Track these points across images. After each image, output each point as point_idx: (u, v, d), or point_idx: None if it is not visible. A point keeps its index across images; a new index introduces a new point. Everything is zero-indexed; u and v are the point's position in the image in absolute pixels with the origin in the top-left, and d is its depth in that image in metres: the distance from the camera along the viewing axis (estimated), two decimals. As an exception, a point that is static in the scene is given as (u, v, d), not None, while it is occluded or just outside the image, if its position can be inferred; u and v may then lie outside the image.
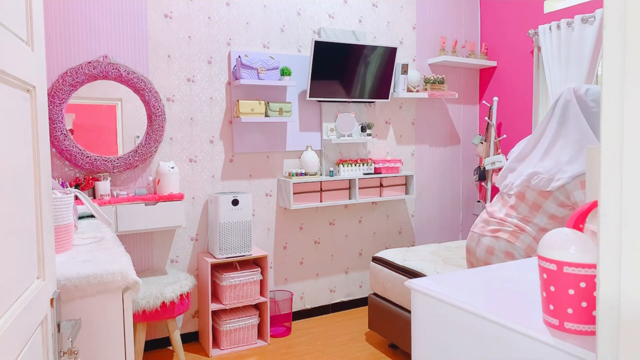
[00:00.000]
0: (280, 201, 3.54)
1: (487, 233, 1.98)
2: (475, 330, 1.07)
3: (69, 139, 2.85)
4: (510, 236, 1.91)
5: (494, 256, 1.92)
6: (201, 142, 3.29)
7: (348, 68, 3.54)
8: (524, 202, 1.91)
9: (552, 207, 1.84)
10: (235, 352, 3.12)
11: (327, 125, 3.66)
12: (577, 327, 0.89)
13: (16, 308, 0.82)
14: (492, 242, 1.94)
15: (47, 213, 1.04)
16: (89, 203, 1.77)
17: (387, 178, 3.74)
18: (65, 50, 2.88)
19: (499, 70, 4.19)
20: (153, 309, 2.69)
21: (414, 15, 4.04)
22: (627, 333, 0.64)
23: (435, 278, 1.32)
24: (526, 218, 1.90)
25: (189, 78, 3.23)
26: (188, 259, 3.29)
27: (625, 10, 0.63)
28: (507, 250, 1.90)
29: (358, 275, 3.95)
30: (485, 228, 2.01)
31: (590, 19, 3.28)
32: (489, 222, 2.01)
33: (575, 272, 0.87)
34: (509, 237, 1.91)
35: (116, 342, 1.35)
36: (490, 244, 1.95)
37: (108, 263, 1.41)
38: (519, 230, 1.90)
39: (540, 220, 1.88)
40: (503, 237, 1.92)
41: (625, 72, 0.63)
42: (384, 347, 3.18)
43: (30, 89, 0.96)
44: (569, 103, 1.86)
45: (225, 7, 3.31)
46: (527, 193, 1.90)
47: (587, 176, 1.18)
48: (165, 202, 2.95)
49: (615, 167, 0.65)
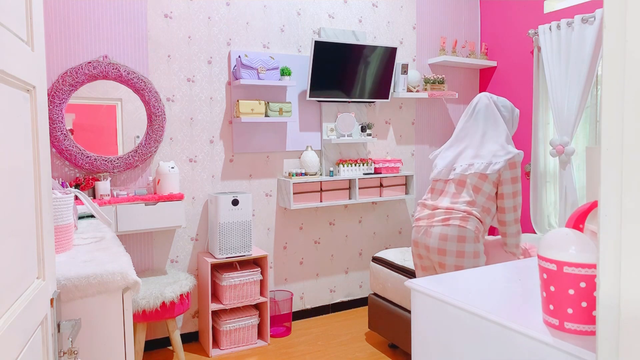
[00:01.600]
0: (280, 201, 3.54)
1: (436, 223, 2.20)
2: (475, 330, 1.07)
3: (69, 139, 2.85)
4: (461, 221, 2.14)
5: (447, 242, 2.14)
6: (201, 142, 3.29)
7: (348, 68, 3.54)
8: (465, 187, 2.20)
9: (488, 188, 2.17)
10: (235, 352, 3.12)
11: (327, 125, 3.66)
12: (577, 327, 0.89)
13: (16, 308, 0.82)
14: (444, 230, 2.16)
15: (47, 213, 1.04)
16: (89, 203, 1.77)
17: (387, 178, 3.74)
18: (65, 50, 2.88)
19: (499, 70, 4.19)
20: (153, 309, 2.69)
21: (414, 15, 4.04)
22: (627, 333, 0.64)
23: (435, 278, 1.32)
24: (471, 202, 2.17)
25: (189, 78, 3.23)
26: (188, 259, 3.29)
27: (625, 10, 0.63)
28: (459, 234, 2.13)
29: (358, 275, 3.95)
30: (432, 219, 2.23)
31: (590, 19, 3.28)
32: (434, 214, 2.24)
33: (575, 272, 0.87)
34: (460, 223, 2.14)
35: (116, 342, 1.35)
36: (442, 231, 2.16)
37: (108, 263, 1.41)
38: (468, 215, 2.15)
39: (480, 201, 2.17)
40: (454, 223, 2.14)
41: (625, 72, 0.63)
42: (384, 347, 3.18)
43: (30, 89, 0.96)
44: (490, 106, 2.28)
45: (225, 7, 3.31)
46: (467, 179, 2.20)
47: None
48: (165, 202, 2.95)
49: (615, 167, 0.65)
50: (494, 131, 2.23)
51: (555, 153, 3.52)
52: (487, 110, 2.27)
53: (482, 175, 2.17)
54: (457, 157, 2.28)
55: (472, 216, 2.14)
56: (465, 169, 2.21)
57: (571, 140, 3.45)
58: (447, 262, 2.14)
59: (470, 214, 2.14)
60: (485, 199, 2.17)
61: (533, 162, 3.81)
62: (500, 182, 2.17)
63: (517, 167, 2.16)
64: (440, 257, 2.17)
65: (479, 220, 2.16)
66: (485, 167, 2.16)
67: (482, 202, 2.17)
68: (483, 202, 2.17)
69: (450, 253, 2.13)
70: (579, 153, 3.57)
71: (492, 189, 2.18)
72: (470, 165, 2.20)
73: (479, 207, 2.17)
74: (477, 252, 2.13)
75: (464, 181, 2.21)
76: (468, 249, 2.11)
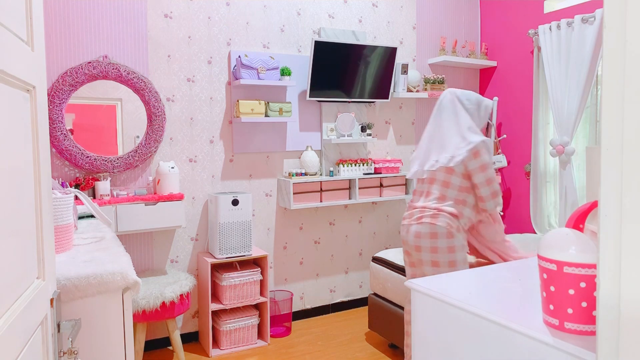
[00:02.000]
0: (280, 201, 3.54)
1: (413, 222, 2.28)
2: (475, 330, 1.07)
3: (69, 139, 2.85)
4: (431, 219, 2.21)
5: (421, 239, 2.22)
6: (201, 142, 3.29)
7: (348, 68, 3.54)
8: (436, 183, 2.27)
9: (457, 181, 2.22)
10: (235, 352, 3.12)
11: (327, 125, 3.66)
12: (577, 327, 0.89)
13: (16, 308, 0.82)
14: (419, 228, 2.24)
15: (47, 213, 1.04)
16: (89, 203, 1.77)
17: (387, 178, 3.74)
18: (65, 50, 2.88)
19: (499, 70, 4.19)
20: (153, 309, 2.69)
21: (414, 15, 4.04)
22: (627, 333, 0.64)
23: (435, 278, 1.32)
24: (441, 197, 2.24)
25: (189, 78, 3.23)
26: (188, 259, 3.29)
27: (625, 10, 0.63)
28: (431, 231, 2.20)
29: (358, 275, 3.95)
30: (411, 219, 2.31)
31: (590, 19, 3.28)
32: (412, 213, 2.33)
33: (575, 272, 0.87)
34: (431, 220, 2.21)
35: (116, 342, 1.35)
36: (417, 229, 2.25)
37: (108, 263, 1.41)
38: (437, 212, 2.22)
39: (452, 194, 2.23)
40: (426, 221, 2.23)
41: (625, 72, 0.63)
42: (384, 347, 3.18)
43: (30, 89, 0.96)
44: (452, 100, 2.33)
45: (225, 7, 3.31)
46: (436, 175, 2.27)
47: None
48: (165, 202, 2.95)
49: (615, 167, 0.65)
50: (455, 125, 2.29)
51: (555, 153, 3.52)
52: (449, 105, 2.33)
53: (449, 169, 2.23)
54: (427, 156, 2.35)
55: (443, 212, 2.21)
56: (433, 165, 2.29)
57: (571, 140, 3.45)
58: (423, 258, 2.24)
59: (440, 210, 2.21)
60: (457, 192, 2.22)
61: (533, 162, 3.81)
62: (471, 173, 2.20)
63: (481, 154, 2.18)
64: (417, 254, 2.25)
65: (452, 215, 2.21)
66: (449, 160, 2.22)
67: (453, 196, 2.22)
68: (455, 195, 2.22)
69: (425, 249, 2.22)
70: (579, 153, 3.57)
71: (463, 181, 2.22)
72: (437, 162, 2.27)
73: (451, 200, 2.22)
74: (451, 247, 2.18)
75: (434, 178, 2.29)
76: (441, 244, 2.18)
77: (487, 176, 2.18)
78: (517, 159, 4.04)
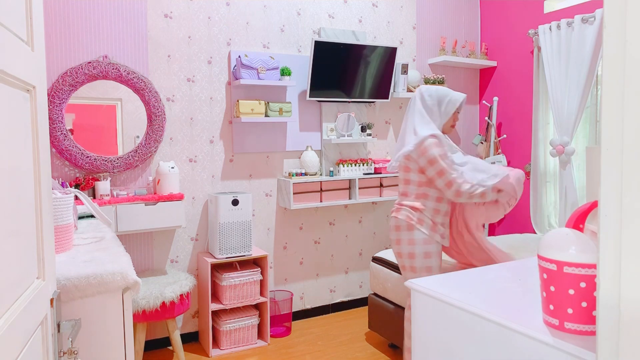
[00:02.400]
0: (280, 201, 3.54)
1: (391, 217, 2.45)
2: (475, 330, 1.07)
3: (69, 139, 2.85)
4: (395, 213, 2.38)
5: (391, 232, 2.40)
6: (201, 142, 3.29)
7: (348, 68, 3.54)
8: (400, 181, 2.42)
9: (415, 177, 2.32)
10: (235, 352, 3.12)
11: (327, 125, 3.66)
12: (577, 327, 0.89)
13: (16, 308, 0.82)
14: (391, 222, 2.42)
15: (47, 213, 1.04)
16: (89, 203, 1.77)
17: (387, 178, 3.74)
18: (65, 50, 2.88)
19: (499, 70, 4.19)
20: (153, 309, 2.69)
21: (414, 15, 4.04)
22: (627, 333, 0.64)
23: (435, 278, 1.32)
24: (404, 193, 2.38)
25: (189, 78, 3.23)
26: (188, 259, 3.29)
27: (625, 10, 0.63)
28: (395, 224, 2.37)
29: (358, 275, 3.95)
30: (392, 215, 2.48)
31: (590, 19, 3.28)
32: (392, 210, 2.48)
33: (575, 272, 0.87)
34: (395, 214, 2.38)
35: (116, 342, 1.35)
36: (390, 223, 2.43)
37: (108, 263, 1.41)
38: (400, 206, 2.37)
39: (412, 189, 2.34)
40: (392, 215, 2.41)
41: (625, 72, 0.63)
42: (384, 347, 3.18)
43: (30, 89, 0.96)
44: (414, 98, 2.41)
45: (225, 7, 3.31)
46: (399, 173, 2.42)
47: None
48: (165, 202, 2.95)
49: (615, 167, 0.65)
50: (411, 122, 2.37)
51: (555, 153, 3.52)
52: (411, 103, 2.42)
53: (406, 167, 2.35)
54: (394, 155, 2.46)
55: (404, 207, 2.34)
56: (394, 163, 2.43)
57: (571, 140, 3.45)
58: (394, 250, 2.39)
59: (402, 204, 2.35)
60: (417, 187, 2.33)
61: (533, 162, 3.81)
62: (423, 169, 2.27)
63: (428, 150, 2.22)
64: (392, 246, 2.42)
65: (412, 208, 2.32)
66: (402, 156, 2.34)
67: (414, 191, 2.33)
68: (415, 190, 2.33)
69: (392, 241, 2.40)
70: (579, 153, 3.57)
71: (420, 176, 2.31)
72: (397, 160, 2.40)
73: (412, 195, 2.34)
74: (411, 240, 2.30)
75: (398, 176, 2.44)
76: (403, 236, 2.32)
77: (436, 169, 2.23)
78: (517, 159, 4.04)
